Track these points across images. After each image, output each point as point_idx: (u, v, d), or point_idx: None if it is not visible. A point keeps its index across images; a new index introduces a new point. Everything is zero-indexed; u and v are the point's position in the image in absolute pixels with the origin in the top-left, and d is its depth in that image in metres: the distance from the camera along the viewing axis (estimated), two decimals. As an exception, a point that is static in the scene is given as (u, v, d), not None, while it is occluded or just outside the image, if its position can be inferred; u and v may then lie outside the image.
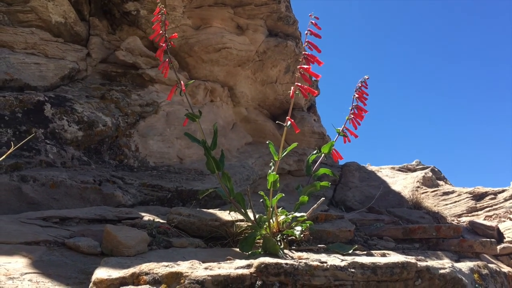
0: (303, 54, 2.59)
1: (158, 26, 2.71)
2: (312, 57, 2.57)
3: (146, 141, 4.93)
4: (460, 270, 2.25)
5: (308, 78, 2.59)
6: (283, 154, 2.64)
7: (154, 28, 2.72)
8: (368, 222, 3.77)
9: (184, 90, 2.71)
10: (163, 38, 2.71)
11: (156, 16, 2.71)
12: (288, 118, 2.60)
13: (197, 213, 2.98)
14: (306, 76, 2.57)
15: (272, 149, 2.68)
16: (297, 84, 2.57)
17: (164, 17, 2.70)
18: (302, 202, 2.87)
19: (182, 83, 2.74)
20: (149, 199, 3.99)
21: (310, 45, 2.63)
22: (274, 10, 5.90)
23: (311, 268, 1.87)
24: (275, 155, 2.66)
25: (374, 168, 6.83)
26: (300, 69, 2.58)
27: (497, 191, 5.19)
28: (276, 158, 2.65)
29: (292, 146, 2.69)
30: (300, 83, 2.58)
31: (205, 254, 2.51)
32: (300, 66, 2.58)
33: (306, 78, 2.57)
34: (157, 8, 2.72)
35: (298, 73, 2.58)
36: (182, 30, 5.60)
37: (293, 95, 2.58)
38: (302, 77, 2.56)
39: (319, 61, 2.60)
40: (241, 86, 6.26)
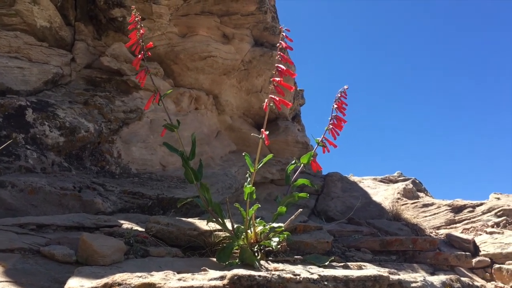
0: (276, 66, 2.63)
1: (134, 34, 2.71)
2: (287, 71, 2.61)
3: (129, 147, 4.92)
4: (432, 283, 2.29)
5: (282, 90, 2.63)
6: (258, 166, 2.66)
7: (130, 36, 2.72)
8: (347, 233, 3.80)
9: (157, 100, 2.70)
10: (139, 46, 2.71)
11: (131, 23, 2.72)
12: (262, 131, 2.63)
13: (175, 222, 2.98)
14: (279, 88, 2.61)
15: (248, 161, 2.70)
16: (271, 97, 2.61)
17: (140, 24, 2.70)
18: (280, 213, 2.89)
19: (158, 93, 2.73)
20: (130, 206, 3.98)
21: (282, 58, 2.68)
22: (260, 20, 5.95)
23: (284, 281, 1.89)
24: (251, 166, 2.67)
25: (356, 179, 6.89)
26: (274, 82, 2.62)
27: (475, 204, 5.27)
28: (252, 170, 2.67)
29: (267, 158, 2.71)
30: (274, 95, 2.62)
31: (182, 264, 2.51)
32: (273, 78, 2.61)
33: (279, 90, 2.61)
34: (132, 15, 2.72)
35: (272, 85, 2.62)
36: (168, 38, 5.62)
37: (267, 107, 2.61)
38: (276, 89, 2.60)
39: (291, 73, 2.64)
40: (226, 94, 6.29)
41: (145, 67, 2.86)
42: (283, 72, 2.61)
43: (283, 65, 2.63)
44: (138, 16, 2.81)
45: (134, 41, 2.81)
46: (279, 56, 2.68)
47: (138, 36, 2.81)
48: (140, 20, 2.84)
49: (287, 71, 2.63)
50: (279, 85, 2.61)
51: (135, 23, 2.81)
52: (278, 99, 2.60)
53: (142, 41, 2.81)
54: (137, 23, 2.81)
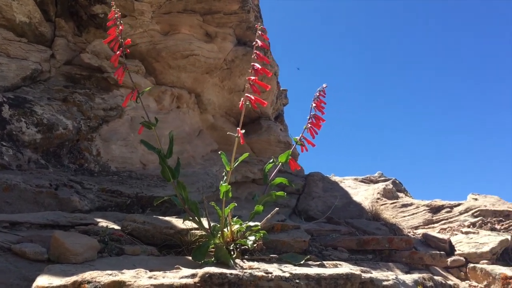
0: (252, 65, 2.64)
1: (113, 30, 2.68)
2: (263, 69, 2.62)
3: (109, 145, 4.88)
4: (404, 282, 2.32)
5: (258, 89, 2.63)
6: (234, 165, 2.66)
7: (109, 33, 2.70)
8: (325, 233, 3.83)
9: (135, 98, 2.68)
10: (118, 43, 2.69)
11: (110, 20, 2.69)
12: (238, 130, 2.63)
13: (152, 221, 2.96)
14: (255, 87, 2.62)
15: (224, 160, 2.71)
16: (246, 95, 2.61)
17: (119, 21, 2.68)
18: (257, 212, 2.89)
19: (136, 90, 2.71)
20: (108, 204, 3.95)
21: (258, 56, 2.69)
22: (243, 19, 5.95)
23: (256, 279, 1.89)
24: (227, 165, 2.68)
25: (337, 179, 6.93)
26: (249, 80, 2.63)
27: (453, 205, 5.34)
28: (228, 168, 2.67)
29: (243, 157, 2.72)
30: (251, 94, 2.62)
31: (157, 262, 2.50)
32: (248, 77, 2.62)
33: (256, 89, 2.62)
34: (111, 12, 2.70)
35: (248, 84, 2.62)
36: (150, 35, 5.59)
37: (242, 106, 2.62)
38: (252, 88, 2.61)
39: (267, 72, 2.65)
40: (209, 93, 6.27)
41: (124, 64, 2.84)
42: (258, 71, 2.61)
43: (258, 64, 2.64)
44: (117, 12, 2.78)
45: (112, 38, 2.79)
46: (254, 55, 2.69)
47: (117, 32, 2.79)
48: (120, 17, 2.82)
49: (263, 70, 2.63)
50: (255, 84, 2.62)
51: (114, 20, 2.79)
52: (253, 98, 2.60)
53: (121, 38, 2.79)
54: (116, 20, 2.79)
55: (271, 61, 6.80)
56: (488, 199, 5.63)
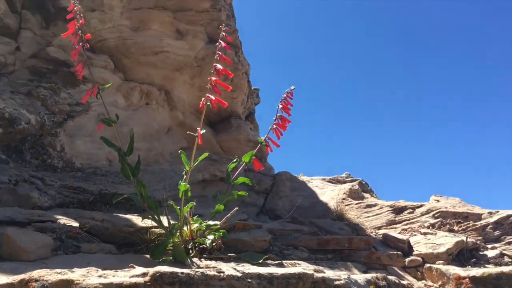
0: (214, 66, 2.66)
1: (73, 24, 2.65)
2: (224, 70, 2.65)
3: (74, 141, 4.81)
4: (356, 281, 2.37)
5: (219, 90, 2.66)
6: (194, 165, 2.68)
7: (68, 26, 2.66)
8: (287, 232, 3.87)
9: (95, 94, 2.66)
10: (77, 37, 2.66)
11: (70, 12, 2.66)
12: (198, 130, 2.64)
13: (111, 218, 2.95)
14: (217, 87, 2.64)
15: (184, 159, 2.71)
16: (207, 96, 2.63)
17: (79, 14, 2.65)
18: (218, 211, 2.92)
19: (97, 86, 2.69)
20: (69, 201, 3.90)
21: (220, 57, 2.71)
22: (215, 17, 5.94)
23: (207, 278, 1.91)
24: (186, 164, 2.69)
25: (306, 179, 7.01)
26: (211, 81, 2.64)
27: (415, 206, 5.48)
28: (188, 168, 2.68)
29: (203, 156, 2.74)
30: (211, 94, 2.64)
31: (113, 260, 2.49)
32: (210, 78, 2.64)
33: (217, 89, 2.64)
34: (71, 4, 2.67)
35: (209, 84, 2.64)
36: (120, 31, 5.52)
37: (203, 106, 2.64)
38: (213, 88, 2.63)
39: (229, 73, 2.68)
40: (179, 90, 6.24)
41: (84, 59, 2.81)
42: (220, 71, 2.63)
43: (220, 65, 2.66)
44: (77, 5, 2.75)
45: (72, 32, 2.75)
46: (217, 56, 2.70)
47: (77, 26, 2.76)
48: (80, 10, 2.79)
49: (224, 71, 2.65)
50: (217, 84, 2.64)
51: (74, 12, 2.76)
52: (214, 98, 2.62)
53: (80, 32, 2.76)
54: (76, 13, 2.76)
55: (243, 60, 6.82)
56: (450, 201, 5.79)
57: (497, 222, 4.73)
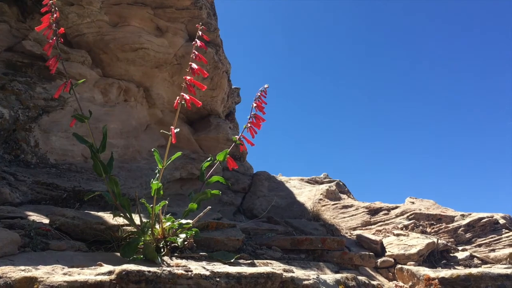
0: (190, 65, 2.65)
1: (47, 18, 2.61)
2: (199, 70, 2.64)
3: (49, 136, 4.74)
4: (325, 281, 2.39)
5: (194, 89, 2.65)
6: (167, 163, 2.67)
7: (42, 20, 2.62)
8: (262, 232, 3.88)
9: (68, 89, 2.63)
10: (52, 31, 2.62)
11: (45, 6, 2.61)
12: (171, 128, 2.64)
13: (82, 216, 2.91)
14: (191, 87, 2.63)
15: (157, 157, 2.70)
16: (182, 94, 2.62)
17: (54, 8, 2.61)
18: (191, 209, 2.91)
19: (70, 81, 2.65)
20: (42, 198, 3.84)
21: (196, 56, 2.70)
22: (195, 15, 5.92)
23: (175, 277, 1.91)
24: (159, 163, 2.67)
25: (284, 179, 7.03)
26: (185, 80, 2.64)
27: (390, 207, 5.55)
28: (161, 166, 2.67)
29: (176, 155, 2.73)
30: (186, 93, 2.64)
31: (82, 258, 2.46)
32: (185, 77, 2.63)
33: (192, 89, 2.63)
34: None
35: (184, 83, 2.63)
36: (98, 26, 5.46)
37: (177, 105, 2.63)
38: (188, 88, 2.62)
39: (204, 72, 2.67)
40: (158, 88, 6.20)
41: (58, 53, 2.77)
42: (195, 71, 2.63)
43: (196, 64, 2.65)
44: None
45: (46, 25, 2.71)
46: (193, 55, 2.70)
47: (51, 20, 2.72)
48: (55, 3, 2.75)
49: (200, 70, 2.65)
50: (192, 84, 2.63)
51: (49, 6, 2.72)
52: (188, 98, 2.62)
53: (55, 26, 2.72)
54: (51, 6, 2.72)
55: (223, 59, 6.81)
56: (424, 203, 5.88)
57: (468, 225, 4.82)
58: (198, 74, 2.66)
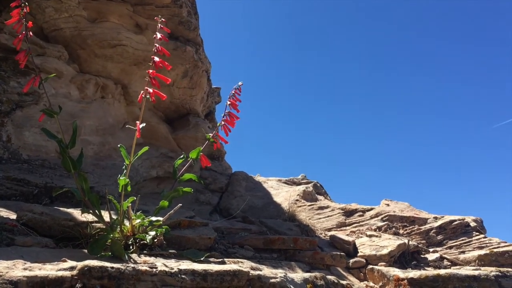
0: (152, 59, 2.65)
1: (17, 12, 2.58)
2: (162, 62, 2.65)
3: (22, 132, 4.66)
4: (293, 280, 2.40)
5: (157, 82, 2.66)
6: (133, 159, 2.66)
7: (12, 14, 2.59)
8: (235, 231, 3.88)
9: (37, 84, 2.60)
10: (21, 25, 2.59)
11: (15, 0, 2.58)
12: (137, 123, 2.63)
13: (51, 212, 2.88)
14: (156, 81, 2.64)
15: (124, 153, 2.69)
16: (146, 88, 2.61)
17: (24, 2, 2.58)
18: (162, 207, 2.90)
19: (39, 76, 2.62)
20: (12, 194, 3.77)
21: (157, 49, 2.71)
22: (175, 13, 5.89)
23: (138, 273, 1.90)
24: (126, 158, 2.66)
25: (262, 179, 7.04)
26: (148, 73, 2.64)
27: (366, 209, 5.60)
28: (128, 162, 2.65)
29: (143, 150, 2.73)
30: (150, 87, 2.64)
31: (48, 254, 2.43)
32: (148, 70, 2.63)
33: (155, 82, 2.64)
34: None
35: (148, 77, 2.63)
36: (76, 21, 5.39)
37: (141, 99, 2.63)
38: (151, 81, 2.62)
39: (167, 65, 2.69)
40: (136, 85, 6.15)
41: (27, 48, 2.73)
42: (157, 63, 2.63)
43: (158, 57, 2.65)
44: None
45: (16, 19, 2.67)
46: (155, 48, 2.70)
47: (21, 14, 2.68)
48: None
49: (162, 62, 2.65)
50: (155, 77, 2.63)
51: (19, 0, 2.68)
52: (152, 91, 2.61)
53: (24, 20, 2.68)
54: (21, 0, 2.69)
55: (203, 58, 6.79)
56: (399, 205, 5.95)
57: (440, 227, 4.90)
58: (161, 67, 2.66)
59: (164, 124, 6.69)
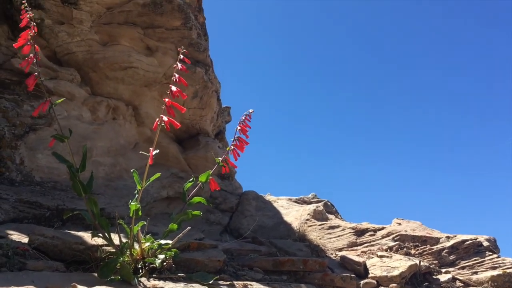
0: (170, 87, 2.69)
1: (25, 34, 2.62)
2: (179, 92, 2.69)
3: (35, 154, 4.73)
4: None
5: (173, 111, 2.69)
6: (145, 184, 2.69)
7: (20, 36, 2.63)
8: (245, 252, 3.88)
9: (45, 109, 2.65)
10: (30, 47, 2.63)
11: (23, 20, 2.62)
12: (150, 150, 2.67)
13: (62, 235, 2.91)
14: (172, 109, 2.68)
15: (136, 178, 2.72)
16: (161, 116, 2.66)
17: (32, 24, 2.63)
18: (171, 230, 2.92)
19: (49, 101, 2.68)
20: (24, 216, 3.83)
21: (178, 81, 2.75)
22: (185, 36, 5.99)
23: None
24: (138, 184, 2.69)
25: (272, 198, 7.04)
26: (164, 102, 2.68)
27: (377, 228, 5.56)
28: (139, 187, 2.68)
29: (155, 176, 2.75)
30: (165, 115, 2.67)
31: (58, 278, 2.46)
32: (164, 99, 2.67)
33: (171, 111, 2.68)
34: (23, 12, 2.63)
35: (164, 105, 2.67)
36: (88, 45, 5.51)
37: (156, 126, 2.66)
38: (167, 110, 2.66)
39: (183, 95, 2.72)
40: (147, 106, 6.23)
41: (36, 70, 2.79)
42: (174, 93, 2.67)
43: (175, 86, 2.70)
44: (30, 14, 2.72)
45: (23, 42, 2.72)
46: (174, 78, 2.74)
47: (29, 36, 2.72)
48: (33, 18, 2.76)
49: (179, 92, 2.69)
50: (171, 106, 2.67)
51: (27, 21, 2.72)
52: (167, 119, 2.65)
53: (33, 43, 2.73)
54: (30, 22, 2.72)
55: (213, 78, 6.88)
56: (411, 224, 5.90)
57: (452, 247, 4.84)
58: (178, 97, 2.70)
59: (175, 144, 6.75)
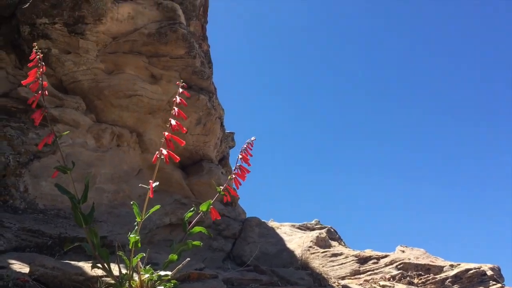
0: (169, 120, 2.74)
1: (34, 72, 2.69)
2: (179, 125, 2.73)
3: (39, 182, 4.78)
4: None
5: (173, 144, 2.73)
6: (145, 216, 2.71)
7: (29, 74, 2.71)
8: (246, 282, 3.86)
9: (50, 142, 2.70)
10: (37, 84, 2.70)
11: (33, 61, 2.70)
12: (150, 182, 2.70)
13: (62, 266, 2.93)
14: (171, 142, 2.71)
15: (136, 210, 2.74)
16: (160, 150, 2.69)
17: (40, 63, 2.70)
18: (171, 261, 2.91)
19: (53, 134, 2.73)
20: (26, 245, 3.85)
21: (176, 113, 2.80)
22: (189, 64, 6.10)
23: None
24: (138, 216, 2.71)
25: (275, 225, 7.02)
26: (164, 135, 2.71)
27: (380, 256, 5.52)
28: (139, 219, 2.71)
29: (154, 209, 2.78)
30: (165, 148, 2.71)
31: (57, 311, 2.46)
32: (163, 132, 2.71)
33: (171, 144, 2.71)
34: (32, 53, 2.72)
35: (163, 138, 2.71)
36: (94, 73, 5.62)
37: (156, 160, 2.70)
38: (166, 143, 2.70)
39: (183, 129, 2.76)
40: (151, 133, 6.30)
41: (43, 107, 2.85)
42: (174, 127, 2.71)
43: (175, 120, 2.74)
44: (39, 54, 2.80)
45: (32, 79, 2.79)
46: (174, 112, 2.79)
47: (38, 74, 2.80)
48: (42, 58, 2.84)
49: (179, 126, 2.73)
50: (171, 140, 2.71)
51: (36, 61, 2.80)
52: (166, 153, 2.69)
53: (41, 80, 2.80)
54: (38, 61, 2.80)
55: (216, 105, 6.95)
56: (415, 251, 5.85)
57: (456, 276, 4.79)
58: (177, 130, 2.74)
59: (178, 171, 6.78)
